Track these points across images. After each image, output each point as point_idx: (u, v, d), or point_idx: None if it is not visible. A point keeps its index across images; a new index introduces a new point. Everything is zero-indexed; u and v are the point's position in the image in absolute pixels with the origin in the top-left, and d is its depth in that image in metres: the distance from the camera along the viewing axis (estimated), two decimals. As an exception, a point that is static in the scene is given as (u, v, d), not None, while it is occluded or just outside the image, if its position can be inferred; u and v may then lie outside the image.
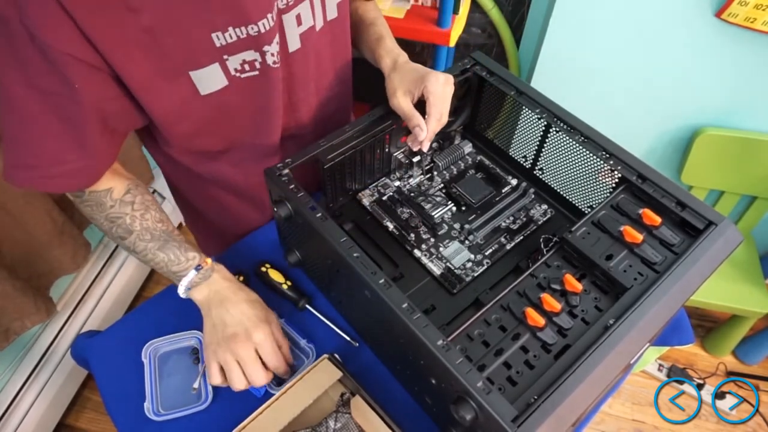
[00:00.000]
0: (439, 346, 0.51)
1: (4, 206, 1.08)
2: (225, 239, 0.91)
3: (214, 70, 0.60)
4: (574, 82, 1.39)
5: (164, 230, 0.68)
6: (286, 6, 0.61)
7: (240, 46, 0.59)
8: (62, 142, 0.58)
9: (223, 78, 0.61)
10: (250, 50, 0.60)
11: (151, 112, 0.61)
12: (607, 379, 0.52)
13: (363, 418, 0.60)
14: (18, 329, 1.19)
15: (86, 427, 1.47)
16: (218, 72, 0.60)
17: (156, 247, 0.67)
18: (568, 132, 0.71)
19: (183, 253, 0.67)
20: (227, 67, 0.60)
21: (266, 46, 0.61)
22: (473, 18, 1.59)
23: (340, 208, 0.79)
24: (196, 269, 0.66)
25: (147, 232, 0.67)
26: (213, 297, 0.66)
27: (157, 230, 0.68)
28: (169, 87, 0.58)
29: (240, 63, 0.61)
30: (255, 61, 0.62)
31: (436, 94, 0.67)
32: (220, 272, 0.69)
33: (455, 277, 0.71)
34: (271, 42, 0.61)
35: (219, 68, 0.60)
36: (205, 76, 0.59)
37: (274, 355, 0.64)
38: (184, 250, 0.67)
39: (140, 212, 0.67)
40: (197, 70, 0.58)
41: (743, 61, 1.20)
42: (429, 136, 0.69)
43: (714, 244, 0.60)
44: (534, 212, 0.78)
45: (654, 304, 0.55)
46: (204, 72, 0.59)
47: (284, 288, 0.76)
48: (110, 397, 0.70)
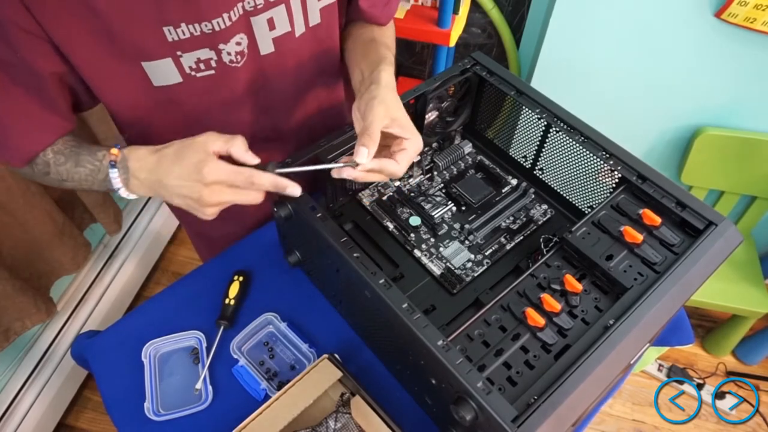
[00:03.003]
0: (439, 346, 0.51)
1: (4, 206, 1.08)
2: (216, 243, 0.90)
3: (167, 65, 0.59)
4: (574, 82, 1.39)
5: (74, 145, 0.63)
6: (254, 9, 0.60)
7: (194, 43, 0.58)
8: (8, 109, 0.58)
9: (177, 74, 0.60)
10: (205, 48, 0.59)
11: (100, 95, 0.60)
12: (607, 379, 0.52)
13: (363, 418, 0.60)
14: (18, 329, 1.19)
15: (86, 427, 1.47)
16: (171, 67, 0.59)
17: (73, 165, 0.62)
18: (568, 132, 0.71)
19: (93, 156, 0.61)
20: (181, 64, 0.60)
21: (222, 44, 0.60)
22: (473, 18, 1.59)
23: (340, 208, 0.79)
24: (112, 167, 0.59)
25: (60, 155, 0.63)
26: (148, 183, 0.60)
27: (67, 148, 0.63)
28: (120, 73, 0.58)
29: (195, 61, 0.60)
30: (211, 59, 0.61)
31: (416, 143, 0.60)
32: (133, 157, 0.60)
33: (455, 277, 0.71)
34: (227, 41, 0.60)
35: (172, 63, 0.59)
36: (158, 69, 0.59)
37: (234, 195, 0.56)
38: (93, 152, 0.62)
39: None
40: (149, 62, 0.58)
41: (743, 61, 1.20)
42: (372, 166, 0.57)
43: (714, 245, 0.60)
44: (534, 212, 0.78)
45: (654, 304, 0.55)
46: (157, 65, 0.58)
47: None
48: (110, 397, 0.70)
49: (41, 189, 1.14)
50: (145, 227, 1.63)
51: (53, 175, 0.63)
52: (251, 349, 0.74)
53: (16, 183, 1.06)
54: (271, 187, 0.56)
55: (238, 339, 0.73)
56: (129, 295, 1.61)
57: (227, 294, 0.76)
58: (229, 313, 0.75)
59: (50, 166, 0.63)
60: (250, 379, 0.70)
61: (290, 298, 0.78)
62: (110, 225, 1.42)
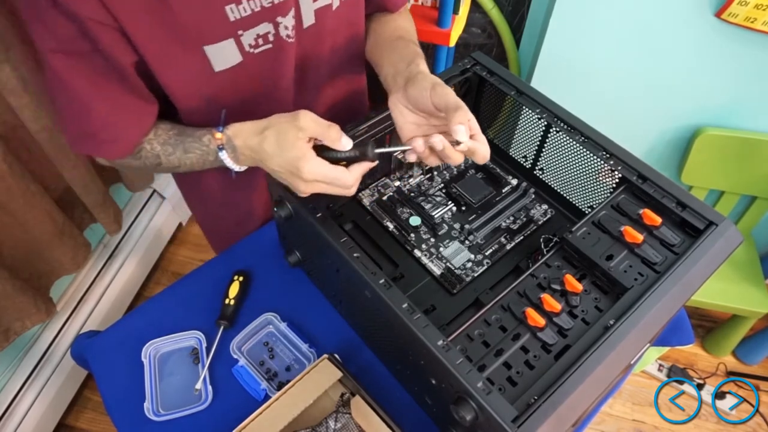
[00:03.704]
0: (439, 346, 0.51)
1: (4, 206, 1.08)
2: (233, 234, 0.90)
3: (228, 46, 0.60)
4: (574, 82, 1.39)
5: (176, 134, 0.66)
6: None
7: (254, 19, 0.59)
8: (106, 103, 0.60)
9: (238, 54, 0.62)
10: (264, 22, 0.60)
11: (163, 83, 0.61)
12: (607, 379, 0.52)
13: (363, 418, 0.60)
14: (18, 329, 1.18)
15: (86, 427, 1.47)
16: (233, 48, 0.61)
17: (183, 153, 0.65)
18: (568, 132, 0.71)
19: (199, 142, 0.64)
20: (241, 43, 0.61)
21: (280, 17, 0.61)
22: (473, 18, 1.59)
23: (340, 208, 0.79)
24: (221, 150, 0.63)
25: (168, 145, 0.65)
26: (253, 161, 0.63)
27: (171, 138, 0.65)
28: (183, 60, 0.59)
29: (254, 37, 0.61)
30: (269, 33, 0.62)
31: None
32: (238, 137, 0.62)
33: (455, 277, 0.71)
34: (285, 14, 0.61)
35: (233, 44, 0.60)
36: (219, 52, 0.60)
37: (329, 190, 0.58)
38: (198, 138, 0.64)
39: (153, 133, 0.66)
40: (211, 45, 0.59)
41: (743, 61, 1.20)
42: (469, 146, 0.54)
43: (714, 245, 0.60)
44: (534, 212, 0.78)
45: (654, 304, 0.55)
46: (218, 47, 0.60)
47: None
48: (110, 397, 0.70)
49: (41, 189, 1.14)
50: (145, 227, 1.63)
51: (165, 164, 0.67)
52: (251, 349, 0.74)
53: (16, 183, 1.06)
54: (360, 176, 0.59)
55: (238, 339, 0.73)
56: (129, 295, 1.60)
57: (227, 294, 0.76)
58: (229, 313, 0.75)
59: (161, 158, 0.66)
60: (250, 379, 0.70)
61: (290, 298, 0.78)
62: (110, 225, 1.42)
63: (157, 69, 0.59)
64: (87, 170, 1.25)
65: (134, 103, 0.62)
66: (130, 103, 0.62)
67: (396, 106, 0.60)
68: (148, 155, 0.66)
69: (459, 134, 0.53)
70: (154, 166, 0.67)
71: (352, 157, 0.58)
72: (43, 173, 1.20)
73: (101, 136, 0.62)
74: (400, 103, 0.59)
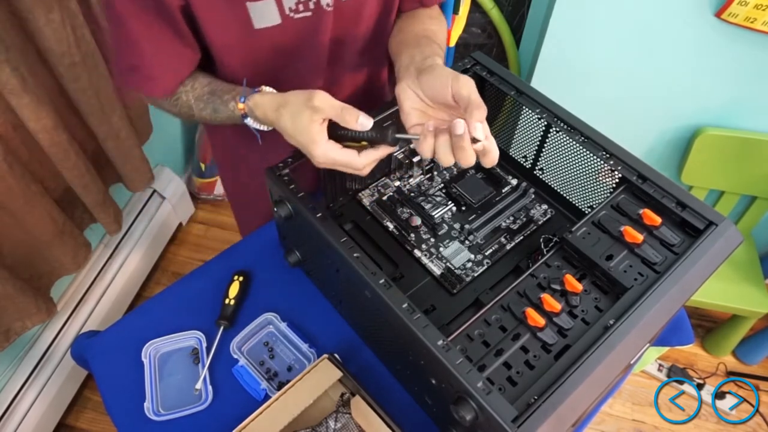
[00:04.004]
0: (439, 346, 0.51)
1: (4, 206, 1.08)
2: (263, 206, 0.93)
3: (269, 5, 0.62)
4: (574, 82, 1.39)
5: (209, 91, 0.69)
6: None
7: None
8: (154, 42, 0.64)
9: (277, 15, 0.64)
10: None
11: (206, 31, 0.65)
12: (607, 379, 0.52)
13: (363, 418, 0.60)
14: (18, 329, 1.18)
15: (86, 427, 1.47)
16: (273, 7, 0.63)
17: (212, 111, 0.69)
18: (568, 132, 0.71)
19: (226, 106, 0.67)
20: (282, 4, 0.63)
21: None
22: (473, 18, 1.58)
23: (340, 208, 0.79)
24: (244, 117, 0.67)
25: (200, 101, 0.69)
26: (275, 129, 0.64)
27: (205, 95, 0.69)
28: (225, 11, 0.62)
29: (295, 2, 0.64)
30: (310, 1, 0.64)
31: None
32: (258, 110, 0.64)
33: (455, 277, 0.71)
34: None
35: (274, 3, 0.62)
36: (259, 9, 0.62)
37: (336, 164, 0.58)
38: (226, 102, 0.67)
39: (190, 84, 0.70)
40: (254, 2, 0.61)
41: (743, 61, 1.20)
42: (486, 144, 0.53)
43: (714, 245, 0.60)
44: (534, 212, 0.78)
45: (654, 304, 0.55)
46: (259, 5, 0.62)
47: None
48: (110, 397, 0.70)
49: (41, 189, 1.14)
50: (145, 227, 1.63)
51: (198, 117, 0.71)
52: (251, 349, 0.74)
53: (16, 183, 1.06)
54: (373, 162, 0.58)
55: (238, 339, 0.73)
56: (129, 295, 1.60)
57: (227, 294, 0.76)
58: (229, 313, 0.75)
59: (193, 110, 0.70)
60: (250, 379, 0.70)
61: (290, 298, 0.78)
62: (110, 225, 1.42)
63: (201, 16, 0.63)
64: (87, 170, 1.25)
65: (177, 48, 0.66)
66: (175, 47, 0.66)
67: (405, 91, 0.60)
68: (183, 105, 0.70)
69: (478, 131, 0.52)
70: (189, 116, 0.71)
71: (372, 138, 0.57)
72: (43, 173, 1.20)
73: (144, 72, 0.67)
74: (409, 89, 0.59)
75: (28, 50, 1.02)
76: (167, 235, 1.76)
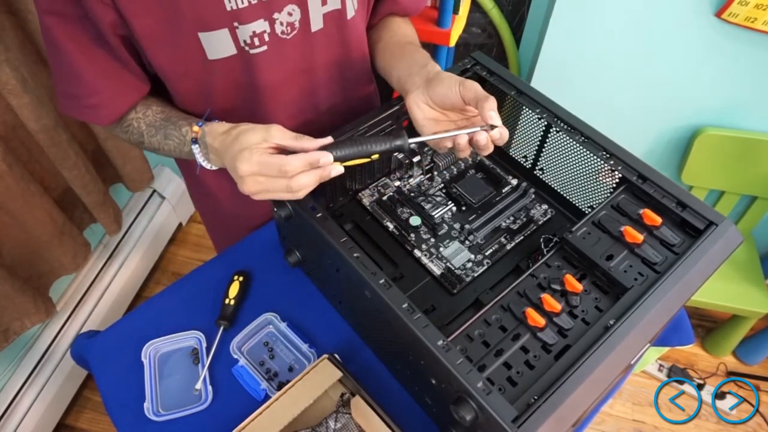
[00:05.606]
0: (439, 346, 0.51)
1: (4, 206, 1.08)
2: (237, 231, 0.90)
3: (223, 37, 0.61)
4: (574, 82, 1.39)
5: (163, 118, 0.67)
6: None
7: (250, 13, 0.60)
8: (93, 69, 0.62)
9: (232, 46, 0.62)
10: (260, 19, 0.61)
11: (154, 62, 0.62)
12: (607, 379, 0.52)
13: (363, 418, 0.60)
14: (18, 329, 1.19)
15: (86, 427, 1.47)
16: (227, 39, 0.61)
17: (163, 138, 0.67)
18: (568, 132, 0.71)
19: (179, 131, 0.65)
20: (237, 36, 0.61)
21: (276, 13, 0.61)
22: (473, 18, 1.59)
23: (340, 208, 0.79)
24: (194, 142, 0.63)
25: (152, 127, 0.67)
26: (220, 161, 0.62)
27: (158, 121, 0.67)
28: (176, 42, 0.60)
29: (250, 36, 0.62)
30: (264, 33, 0.62)
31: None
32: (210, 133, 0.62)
33: (455, 277, 0.71)
34: (281, 10, 0.62)
35: (228, 35, 0.61)
36: (214, 41, 0.61)
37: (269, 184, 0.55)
38: (179, 127, 0.65)
39: (142, 111, 0.68)
40: (207, 32, 0.59)
41: (743, 61, 1.20)
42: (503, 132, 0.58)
43: (714, 245, 0.60)
44: (534, 212, 0.78)
45: (654, 304, 0.55)
46: (213, 36, 0.60)
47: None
48: (110, 397, 0.70)
49: (41, 189, 1.14)
50: (145, 227, 1.63)
51: (147, 145, 0.69)
52: (251, 349, 0.74)
53: (16, 183, 1.06)
54: (306, 166, 0.53)
55: (238, 339, 0.73)
56: (129, 295, 1.60)
57: (227, 294, 0.76)
58: (229, 313, 0.75)
59: (144, 137, 0.68)
60: (250, 380, 0.70)
61: (290, 298, 0.78)
62: (110, 225, 1.42)
63: (148, 47, 0.60)
64: (87, 170, 1.25)
65: (122, 75, 0.63)
66: (118, 74, 0.63)
67: (416, 104, 0.62)
68: (134, 132, 0.68)
69: (494, 119, 0.56)
70: (138, 143, 0.69)
71: (387, 150, 0.58)
72: (43, 173, 1.20)
73: (86, 100, 0.64)
74: (420, 101, 0.62)
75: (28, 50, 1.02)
76: (167, 235, 1.76)
